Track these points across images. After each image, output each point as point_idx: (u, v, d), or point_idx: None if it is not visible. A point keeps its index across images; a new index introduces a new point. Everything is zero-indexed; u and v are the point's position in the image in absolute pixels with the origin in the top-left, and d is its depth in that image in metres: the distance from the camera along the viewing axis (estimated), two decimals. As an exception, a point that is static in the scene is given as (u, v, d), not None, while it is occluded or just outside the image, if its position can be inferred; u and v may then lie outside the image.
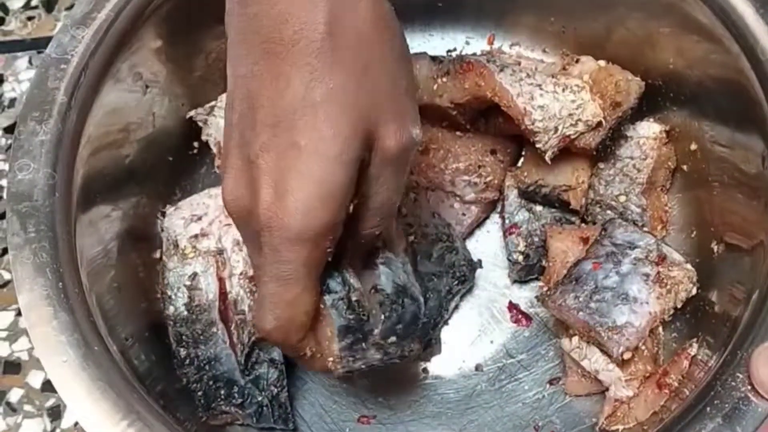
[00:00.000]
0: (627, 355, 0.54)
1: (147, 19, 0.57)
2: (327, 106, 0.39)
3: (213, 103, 0.64)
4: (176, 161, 0.65)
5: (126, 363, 0.50)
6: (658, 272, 0.55)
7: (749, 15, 0.53)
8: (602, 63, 0.63)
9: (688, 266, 0.57)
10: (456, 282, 0.61)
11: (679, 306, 0.56)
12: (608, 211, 0.62)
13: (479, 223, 0.67)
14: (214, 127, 0.63)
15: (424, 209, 0.62)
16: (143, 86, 0.59)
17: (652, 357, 0.55)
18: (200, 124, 0.65)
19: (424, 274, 0.59)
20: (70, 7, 0.54)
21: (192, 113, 0.64)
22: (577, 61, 0.63)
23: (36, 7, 0.80)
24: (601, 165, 0.62)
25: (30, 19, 0.79)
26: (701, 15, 0.55)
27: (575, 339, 0.56)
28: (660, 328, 0.57)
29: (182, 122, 0.65)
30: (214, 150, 0.64)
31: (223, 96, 0.63)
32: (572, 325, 0.56)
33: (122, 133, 0.59)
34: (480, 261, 0.64)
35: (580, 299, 0.55)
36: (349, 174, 0.40)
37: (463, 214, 0.65)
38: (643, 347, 0.55)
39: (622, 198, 0.61)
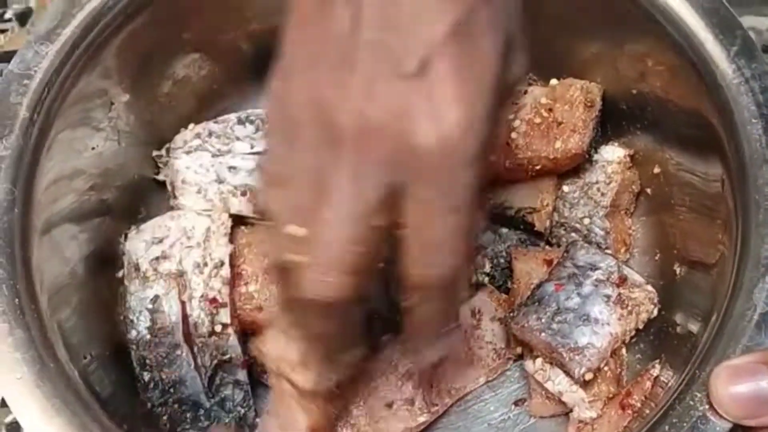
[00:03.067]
0: (588, 376, 0.54)
1: (112, 37, 0.57)
2: None
3: (168, 144, 0.63)
4: (142, 180, 0.64)
5: (86, 385, 0.49)
6: (619, 294, 0.56)
7: (709, 41, 0.53)
8: (554, 81, 0.64)
9: (649, 287, 0.57)
10: None
11: (640, 327, 0.57)
12: (572, 234, 0.62)
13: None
14: (171, 169, 0.62)
15: None
16: (108, 103, 0.59)
17: (615, 378, 0.56)
18: (160, 165, 0.64)
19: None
20: (45, 22, 0.54)
21: (155, 153, 0.64)
22: (525, 92, 0.63)
23: (9, 20, 0.79)
24: (566, 188, 0.63)
25: (2, 32, 0.78)
26: (663, 41, 0.56)
27: (539, 361, 0.56)
28: (623, 350, 0.57)
29: (148, 140, 0.64)
30: (170, 189, 0.63)
31: (178, 136, 0.62)
32: (535, 347, 0.56)
33: (87, 150, 0.58)
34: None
35: (543, 320, 0.55)
36: None
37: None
38: (606, 368, 0.55)
39: (586, 220, 0.62)
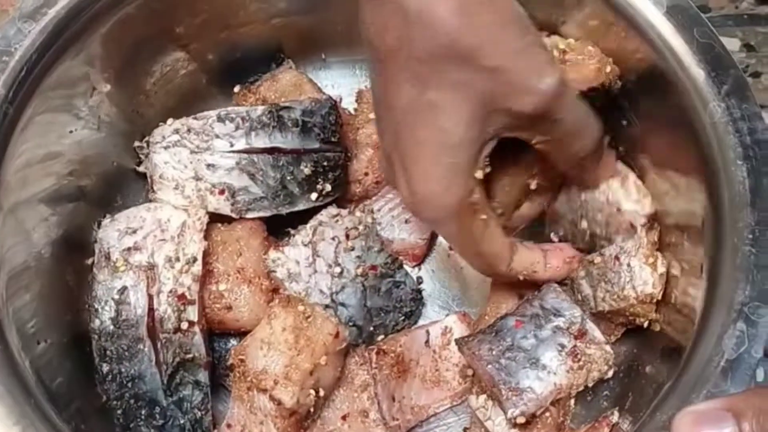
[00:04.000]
0: (520, 420, 0.52)
1: (99, 23, 0.56)
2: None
3: (148, 138, 0.62)
4: (121, 169, 0.64)
5: (36, 375, 0.49)
6: (575, 346, 0.54)
7: (701, 77, 0.51)
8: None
9: (607, 348, 0.55)
10: (402, 317, 0.62)
11: (590, 385, 0.55)
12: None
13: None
14: (150, 162, 0.61)
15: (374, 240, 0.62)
16: (90, 89, 0.58)
17: (556, 426, 0.54)
18: (141, 156, 0.63)
19: (373, 309, 0.60)
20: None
21: (136, 144, 0.63)
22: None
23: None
24: (597, 259, 0.57)
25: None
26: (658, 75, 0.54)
27: (482, 397, 0.55)
28: (571, 400, 0.55)
29: (130, 131, 0.63)
30: (149, 182, 0.62)
31: (157, 130, 0.61)
32: (480, 376, 0.55)
33: (65, 135, 0.58)
34: (422, 296, 0.63)
35: (494, 353, 0.54)
36: None
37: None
38: (548, 415, 0.53)
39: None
